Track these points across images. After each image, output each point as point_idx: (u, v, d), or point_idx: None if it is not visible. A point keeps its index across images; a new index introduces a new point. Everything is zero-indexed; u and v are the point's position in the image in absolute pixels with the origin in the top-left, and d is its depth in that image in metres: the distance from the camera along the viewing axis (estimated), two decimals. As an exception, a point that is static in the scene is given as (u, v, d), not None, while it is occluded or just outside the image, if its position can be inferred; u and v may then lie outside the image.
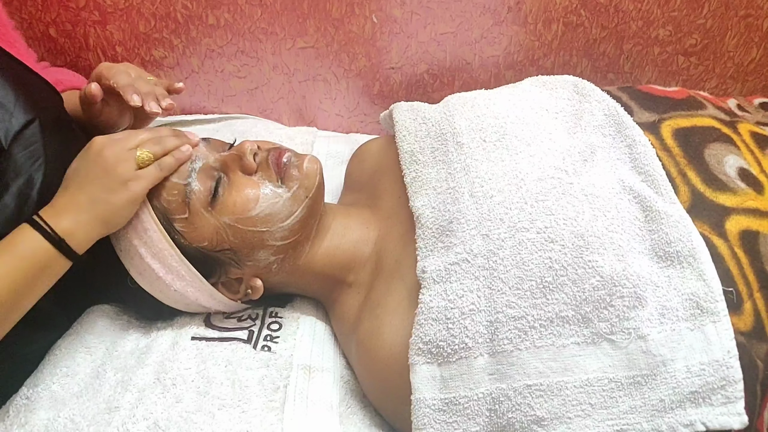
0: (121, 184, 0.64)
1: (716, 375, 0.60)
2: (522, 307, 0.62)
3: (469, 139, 0.74)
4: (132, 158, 0.66)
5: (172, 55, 1.07)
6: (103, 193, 0.64)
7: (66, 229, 0.62)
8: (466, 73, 1.11)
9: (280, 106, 1.14)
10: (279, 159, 0.71)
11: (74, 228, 0.63)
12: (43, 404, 0.65)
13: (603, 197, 0.67)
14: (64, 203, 0.64)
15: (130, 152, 0.66)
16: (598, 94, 0.80)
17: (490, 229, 0.65)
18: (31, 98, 0.69)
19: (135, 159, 0.66)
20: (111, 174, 0.64)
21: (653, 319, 0.62)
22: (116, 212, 0.65)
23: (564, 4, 1.04)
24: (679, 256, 0.64)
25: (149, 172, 0.66)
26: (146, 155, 0.66)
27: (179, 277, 0.69)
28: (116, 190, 0.64)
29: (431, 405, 0.61)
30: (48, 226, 0.62)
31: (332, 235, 0.76)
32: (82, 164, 0.65)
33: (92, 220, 0.64)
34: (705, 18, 1.06)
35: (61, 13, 1.01)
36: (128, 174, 0.65)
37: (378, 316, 0.69)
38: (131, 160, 0.65)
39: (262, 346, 0.72)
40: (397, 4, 1.02)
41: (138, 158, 0.66)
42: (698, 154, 0.74)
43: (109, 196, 0.64)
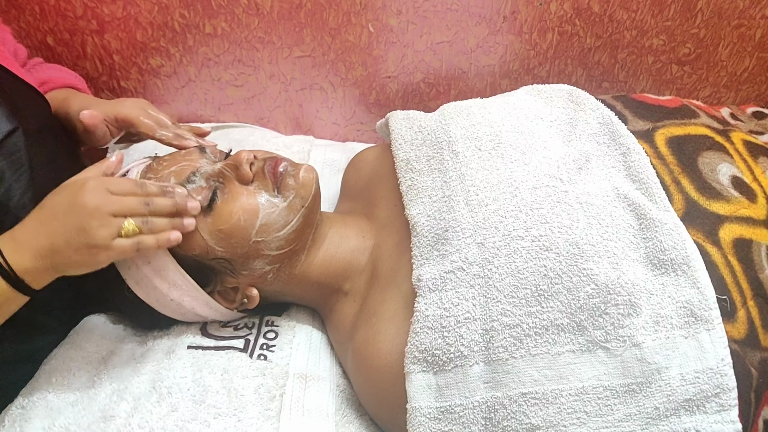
0: (87, 248, 0.60)
1: (710, 383, 0.60)
2: (517, 315, 0.62)
3: (465, 147, 0.74)
4: (115, 226, 0.60)
5: (169, 63, 1.07)
6: (65, 247, 0.59)
7: (25, 268, 0.59)
8: (462, 81, 1.12)
9: (276, 114, 1.15)
10: (275, 168, 0.71)
11: (32, 268, 0.59)
12: (38, 413, 0.65)
13: (598, 205, 0.68)
14: (26, 240, 0.59)
15: (116, 220, 0.61)
16: (592, 103, 0.81)
17: (485, 238, 0.66)
18: (13, 106, 0.67)
19: (118, 228, 0.61)
20: (84, 234, 0.59)
21: (648, 327, 0.62)
22: (73, 269, 0.61)
23: (559, 14, 1.05)
24: (674, 264, 0.65)
25: (123, 248, 0.61)
26: (132, 229, 0.62)
27: (175, 286, 0.70)
28: (80, 251, 0.60)
29: (427, 413, 0.61)
30: (7, 264, 0.58)
31: (328, 244, 0.76)
32: (61, 205, 0.61)
33: (50, 267, 0.60)
34: (698, 28, 1.07)
35: (59, 22, 1.02)
36: (101, 241, 0.60)
37: (374, 325, 0.69)
38: (113, 227, 0.60)
39: (258, 355, 0.72)
40: (393, 14, 1.03)
41: (123, 229, 0.61)
42: (692, 162, 0.74)
43: (71, 253, 0.59)
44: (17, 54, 0.86)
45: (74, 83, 0.88)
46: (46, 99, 0.77)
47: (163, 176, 0.69)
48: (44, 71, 0.87)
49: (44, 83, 0.84)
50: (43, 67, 0.89)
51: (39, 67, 0.88)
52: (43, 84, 0.84)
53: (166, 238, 0.64)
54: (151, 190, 0.65)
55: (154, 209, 0.64)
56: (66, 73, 0.90)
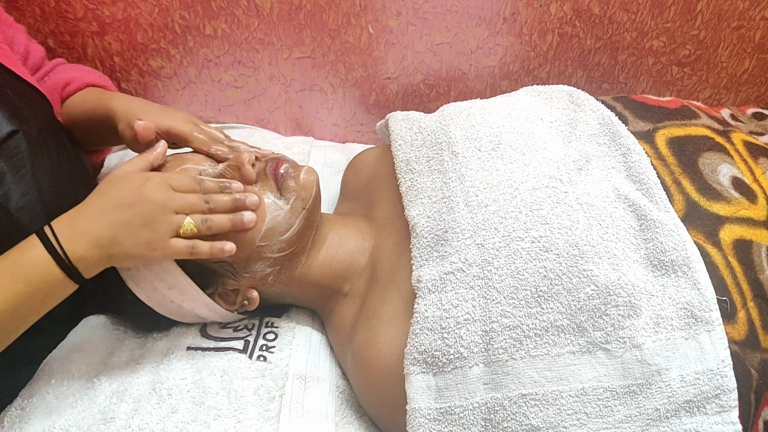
0: (148, 243, 0.61)
1: (711, 384, 0.60)
2: (517, 316, 0.62)
3: (464, 148, 0.74)
4: (176, 224, 0.62)
5: (169, 65, 1.08)
6: (126, 238, 0.60)
7: (80, 256, 0.59)
8: (461, 83, 1.12)
9: (277, 115, 1.15)
10: (276, 170, 0.71)
11: (88, 256, 0.60)
12: (37, 414, 0.65)
13: (598, 206, 0.68)
14: (85, 228, 0.60)
15: (177, 217, 0.62)
16: (592, 104, 0.81)
17: (484, 239, 0.66)
18: (15, 107, 0.67)
19: (179, 226, 0.62)
20: (147, 229, 0.60)
21: (648, 328, 0.62)
22: (127, 261, 0.63)
23: (559, 16, 1.05)
24: (674, 265, 0.65)
25: (178, 249, 0.63)
26: (191, 229, 0.63)
27: (176, 288, 0.69)
28: (140, 245, 0.61)
29: (426, 415, 0.61)
30: (62, 250, 0.59)
31: (328, 245, 0.76)
32: (127, 196, 0.61)
33: (106, 257, 0.61)
34: (698, 29, 1.07)
35: (60, 24, 1.02)
36: (161, 238, 0.61)
37: (373, 326, 0.69)
38: (174, 225, 0.62)
39: (257, 356, 0.72)
40: (393, 15, 1.03)
41: (182, 228, 0.62)
42: (692, 163, 0.74)
43: (129, 245, 0.60)
44: (29, 54, 0.85)
45: (100, 82, 0.87)
46: (48, 100, 0.77)
47: None
48: (67, 71, 0.86)
49: (69, 83, 0.83)
50: (66, 67, 0.88)
51: (62, 67, 0.88)
52: (68, 84, 0.83)
53: (220, 248, 0.65)
54: (209, 186, 0.67)
55: (214, 207, 0.65)
56: (90, 73, 0.89)
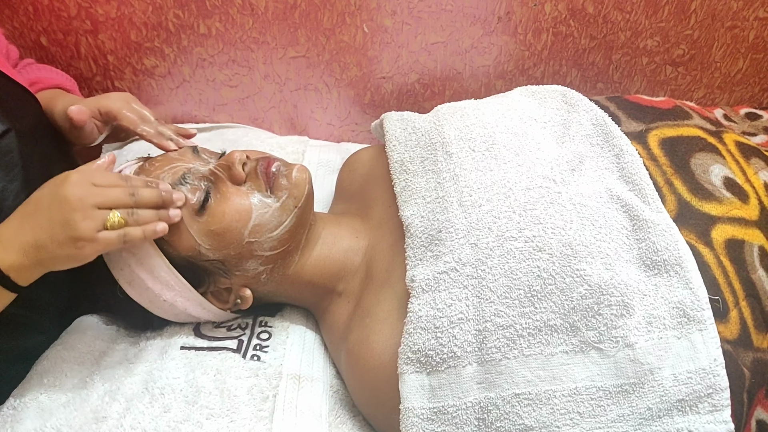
0: (72, 241, 0.59)
1: (703, 383, 0.61)
2: (510, 315, 0.62)
3: (458, 148, 0.74)
4: (100, 219, 0.60)
5: (163, 64, 1.07)
6: (50, 242, 0.58)
7: (10, 264, 0.58)
8: (456, 82, 1.12)
9: (271, 115, 1.15)
10: (268, 169, 0.71)
11: (17, 264, 0.58)
12: (29, 414, 0.65)
13: (591, 206, 0.68)
14: (9, 237, 0.59)
15: (100, 212, 0.60)
16: (586, 104, 0.81)
17: (478, 238, 0.66)
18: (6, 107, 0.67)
19: (103, 220, 0.60)
20: (68, 227, 0.58)
21: (641, 328, 0.62)
22: (59, 263, 0.61)
23: (553, 15, 1.05)
24: (666, 265, 0.65)
25: (109, 240, 0.61)
26: (118, 221, 0.61)
27: (168, 287, 0.69)
28: (65, 244, 0.59)
29: (420, 414, 0.61)
30: None
31: (322, 244, 0.76)
32: (45, 199, 0.60)
33: (36, 262, 0.59)
34: (692, 29, 1.08)
35: (53, 22, 1.01)
36: (86, 233, 0.59)
37: (367, 325, 0.69)
38: (98, 220, 0.60)
39: (251, 356, 0.71)
40: (388, 14, 1.03)
41: (108, 221, 0.60)
42: (684, 163, 0.74)
43: (55, 248, 0.59)
44: (9, 54, 0.85)
45: (63, 84, 0.88)
46: (38, 100, 0.77)
47: (155, 177, 0.69)
48: (34, 72, 0.87)
49: (33, 83, 0.84)
50: (34, 68, 0.89)
51: (29, 68, 0.88)
52: (33, 84, 0.84)
53: (153, 229, 0.63)
54: (135, 183, 0.64)
55: (139, 200, 0.63)
56: (56, 74, 0.90)
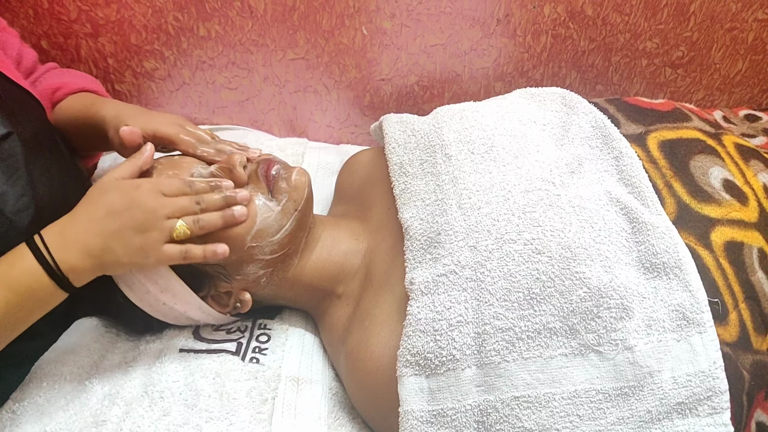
0: (141, 251, 0.60)
1: (702, 386, 0.61)
2: (509, 318, 0.62)
3: (457, 151, 0.74)
4: (168, 229, 0.62)
5: (163, 66, 1.07)
6: (118, 247, 0.59)
7: (71, 265, 0.58)
8: (456, 84, 1.12)
9: (271, 117, 1.15)
10: (268, 171, 0.71)
11: (79, 265, 0.59)
12: (28, 418, 0.65)
13: (590, 209, 0.68)
14: (76, 236, 0.59)
15: (168, 222, 0.62)
16: (585, 106, 0.81)
17: (477, 241, 0.66)
18: (8, 111, 0.67)
19: (171, 231, 0.62)
20: (140, 236, 0.60)
21: (640, 331, 0.62)
22: (120, 268, 0.62)
23: (552, 17, 1.05)
24: (666, 268, 0.65)
25: (171, 255, 0.63)
26: (184, 231, 0.62)
27: (168, 290, 0.69)
28: (134, 252, 0.60)
29: (419, 417, 0.61)
30: (53, 260, 0.58)
31: (321, 247, 0.76)
32: (117, 203, 0.61)
33: (97, 266, 0.60)
34: (691, 31, 1.08)
35: (53, 26, 1.01)
36: (154, 244, 0.61)
37: (366, 328, 0.69)
38: (166, 231, 0.62)
39: (250, 358, 0.72)
40: (387, 17, 1.03)
41: (175, 231, 0.62)
42: (684, 165, 0.74)
43: (122, 253, 0.60)
44: (22, 58, 0.85)
45: (90, 86, 0.87)
46: (41, 104, 0.76)
47: None
48: (58, 76, 0.86)
49: (58, 89, 0.83)
50: (57, 73, 0.88)
51: (53, 72, 0.87)
52: (58, 89, 0.83)
53: (213, 250, 0.65)
54: (199, 188, 0.66)
55: (205, 206, 0.65)
56: (81, 78, 0.88)
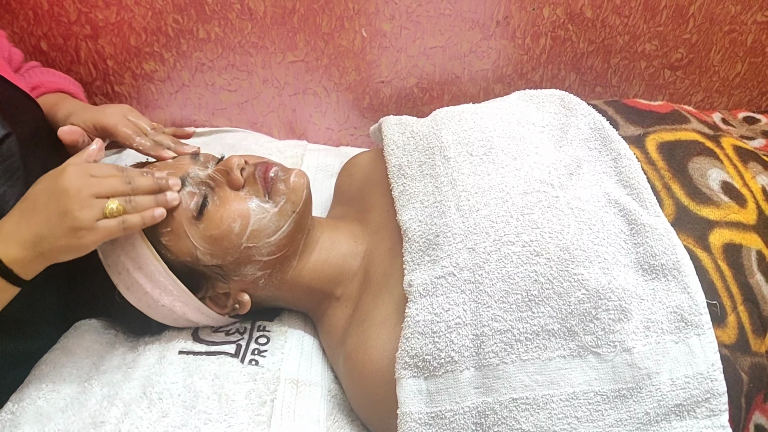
0: (72, 231, 0.60)
1: (700, 388, 0.61)
2: (508, 320, 0.62)
3: (456, 153, 0.74)
4: (98, 207, 0.61)
5: (162, 68, 1.07)
6: (50, 233, 0.59)
7: (13, 258, 0.59)
8: (455, 86, 1.12)
9: (270, 119, 1.15)
10: (266, 173, 0.71)
11: (20, 257, 0.59)
12: (28, 419, 0.65)
13: (588, 211, 0.68)
14: (10, 231, 0.60)
15: (98, 201, 0.61)
16: (584, 108, 0.81)
17: (476, 243, 0.66)
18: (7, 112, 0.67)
19: (102, 209, 0.61)
20: (67, 217, 0.59)
21: (638, 332, 0.62)
22: (61, 254, 0.61)
23: (552, 19, 1.05)
24: (664, 269, 0.65)
25: (108, 227, 0.61)
26: (117, 208, 0.62)
27: (166, 291, 0.69)
28: (65, 235, 0.60)
29: (417, 419, 0.61)
30: None
31: (320, 249, 0.76)
32: (43, 192, 0.61)
33: (38, 255, 0.60)
34: (690, 33, 1.08)
35: (53, 27, 1.02)
36: (86, 222, 0.60)
37: (365, 330, 0.69)
38: (96, 209, 0.60)
39: (249, 360, 0.72)
40: (387, 19, 1.03)
41: (106, 209, 0.61)
42: (682, 167, 0.74)
43: (55, 239, 0.59)
44: (12, 58, 0.86)
45: (67, 88, 0.88)
46: (38, 105, 0.77)
47: None
48: (37, 75, 0.87)
49: (36, 87, 0.84)
50: (37, 72, 0.88)
51: (33, 71, 0.88)
52: (35, 88, 0.84)
53: (151, 214, 0.65)
54: (131, 173, 0.65)
55: (136, 187, 0.64)
56: (59, 78, 0.90)
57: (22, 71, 0.87)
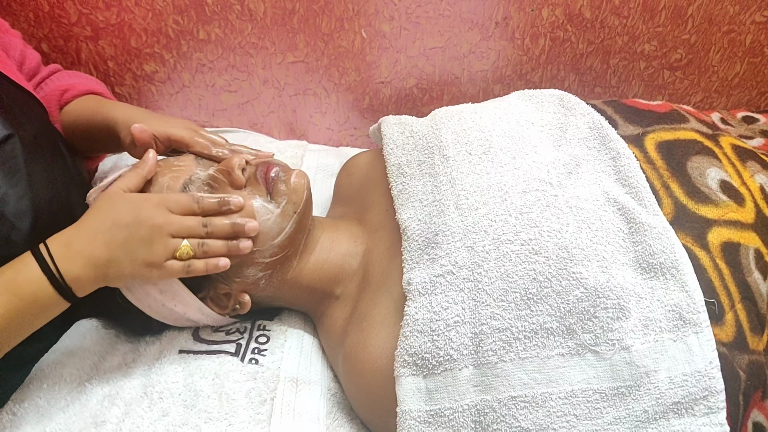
0: (144, 264, 0.62)
1: (699, 385, 0.61)
2: (506, 318, 0.62)
3: (455, 152, 0.75)
4: (172, 248, 0.63)
5: (163, 69, 1.08)
6: (123, 259, 0.61)
7: (75, 276, 0.59)
8: (454, 87, 1.13)
9: (270, 120, 1.15)
10: (267, 174, 0.71)
11: (83, 276, 0.60)
12: (29, 419, 0.65)
13: (587, 209, 0.68)
14: (81, 248, 0.60)
15: (174, 241, 0.63)
16: (582, 108, 0.81)
17: (474, 242, 0.66)
18: (9, 112, 0.67)
19: (175, 249, 0.63)
20: (144, 251, 0.61)
21: (637, 331, 0.62)
22: (123, 281, 0.64)
23: (551, 20, 1.05)
24: (662, 268, 0.65)
25: (174, 270, 0.64)
26: (187, 252, 0.64)
27: (168, 292, 0.70)
28: (138, 266, 0.62)
29: (417, 417, 0.61)
30: (57, 270, 0.59)
31: (320, 249, 0.77)
32: (124, 217, 0.62)
33: (101, 277, 0.61)
34: (689, 33, 1.08)
35: (54, 29, 1.02)
36: (158, 260, 0.62)
37: (364, 329, 0.69)
38: (170, 248, 0.63)
39: (249, 359, 0.72)
40: (386, 20, 1.03)
41: (179, 251, 0.63)
42: (681, 166, 0.75)
43: (126, 267, 0.61)
44: (25, 59, 0.85)
45: (97, 89, 0.88)
46: (43, 106, 0.77)
47: (156, 183, 0.70)
48: (66, 78, 0.87)
49: (67, 90, 0.84)
50: (64, 74, 0.89)
51: (60, 74, 0.88)
52: (67, 91, 0.84)
53: (215, 264, 0.66)
54: (207, 206, 0.67)
55: (211, 231, 0.66)
56: (87, 80, 0.89)
57: (43, 74, 0.87)
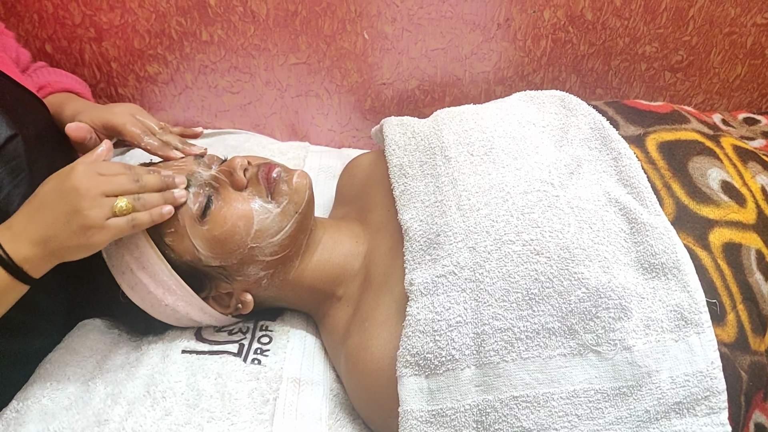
0: (83, 230, 0.60)
1: (700, 386, 0.61)
2: (508, 318, 0.62)
3: (457, 152, 0.75)
4: (108, 206, 0.61)
5: (166, 70, 1.08)
6: (60, 232, 0.60)
7: (24, 257, 0.60)
8: (456, 88, 1.13)
9: (272, 121, 1.16)
10: (269, 174, 0.72)
11: (30, 255, 0.60)
12: (32, 417, 0.65)
13: (589, 210, 0.68)
14: (21, 229, 0.60)
15: (108, 200, 0.62)
16: (584, 108, 0.81)
17: (476, 242, 0.66)
18: (13, 112, 0.68)
19: (111, 207, 0.62)
20: (77, 216, 0.60)
21: (638, 331, 0.62)
22: (71, 253, 0.62)
23: (552, 21, 1.06)
24: (664, 268, 0.65)
25: (118, 225, 0.62)
26: (126, 206, 0.63)
27: (170, 291, 0.70)
28: (76, 234, 0.60)
29: (419, 417, 0.62)
30: (5, 253, 0.59)
31: (322, 249, 0.77)
32: (53, 191, 0.62)
33: (48, 254, 0.61)
34: (690, 35, 1.08)
35: (57, 30, 1.02)
36: (96, 221, 0.61)
37: (366, 329, 0.69)
38: (106, 207, 0.61)
39: (252, 359, 0.72)
40: (388, 21, 1.04)
41: (115, 207, 0.62)
42: (682, 167, 0.75)
43: (66, 238, 0.60)
44: (19, 58, 0.86)
45: (74, 87, 0.88)
46: (45, 105, 0.77)
47: None
48: (44, 75, 0.87)
49: (43, 87, 0.84)
50: (44, 71, 0.89)
51: (40, 71, 0.89)
52: (42, 88, 0.84)
53: (159, 212, 0.65)
54: (138, 171, 0.66)
55: (144, 185, 0.65)
56: (66, 78, 0.90)
57: (30, 71, 0.88)
